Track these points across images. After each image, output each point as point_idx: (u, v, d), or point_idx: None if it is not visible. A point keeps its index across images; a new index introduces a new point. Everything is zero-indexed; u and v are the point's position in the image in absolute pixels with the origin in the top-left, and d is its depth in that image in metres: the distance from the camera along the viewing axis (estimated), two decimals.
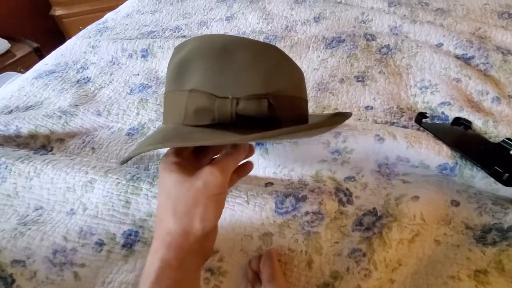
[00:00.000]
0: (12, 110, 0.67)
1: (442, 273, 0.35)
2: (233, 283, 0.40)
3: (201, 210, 0.23)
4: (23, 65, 1.61)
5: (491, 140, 0.47)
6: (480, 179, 0.40)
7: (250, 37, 0.83)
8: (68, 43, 0.88)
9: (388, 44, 0.70)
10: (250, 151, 0.29)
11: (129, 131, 0.59)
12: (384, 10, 0.84)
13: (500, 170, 0.38)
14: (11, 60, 1.60)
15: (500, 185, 0.39)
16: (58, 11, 1.73)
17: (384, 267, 0.36)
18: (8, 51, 1.62)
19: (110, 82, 0.73)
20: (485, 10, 0.81)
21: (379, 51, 0.70)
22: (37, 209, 0.45)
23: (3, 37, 1.62)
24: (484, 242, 0.37)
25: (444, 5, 0.86)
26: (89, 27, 0.95)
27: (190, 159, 0.27)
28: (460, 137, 0.47)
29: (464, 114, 0.51)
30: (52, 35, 1.80)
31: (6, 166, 0.48)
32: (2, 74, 1.44)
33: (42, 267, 0.38)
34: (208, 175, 0.24)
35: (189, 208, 0.23)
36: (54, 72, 0.76)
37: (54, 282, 0.38)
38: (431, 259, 0.37)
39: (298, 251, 0.40)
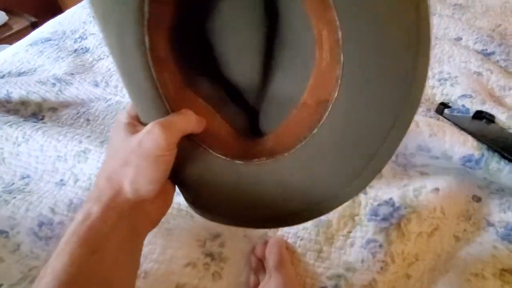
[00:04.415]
0: (4, 75, 0.62)
1: (464, 270, 0.32)
2: (234, 270, 0.37)
3: (131, 172, 0.20)
4: (19, 39, 1.55)
5: None
6: (508, 173, 0.37)
7: None
8: (67, 12, 0.83)
9: None
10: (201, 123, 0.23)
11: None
12: None
13: None
14: (8, 33, 1.54)
15: None
16: None
17: (402, 260, 0.34)
18: (5, 24, 1.56)
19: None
20: (505, 8, 0.79)
21: None
22: (24, 178, 0.41)
23: (1, 9, 1.55)
24: (510, 239, 0.34)
25: (462, 1, 0.83)
26: None
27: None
28: (483, 131, 0.44)
29: (486, 108, 0.48)
30: (50, 11, 1.74)
31: None
32: None
33: (26, 239, 0.35)
34: (145, 133, 0.20)
35: (119, 168, 0.21)
36: (50, 40, 0.72)
37: (39, 257, 0.35)
38: (450, 255, 0.35)
39: (308, 239, 0.37)
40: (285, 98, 0.24)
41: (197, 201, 0.25)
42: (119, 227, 0.20)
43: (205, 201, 0.25)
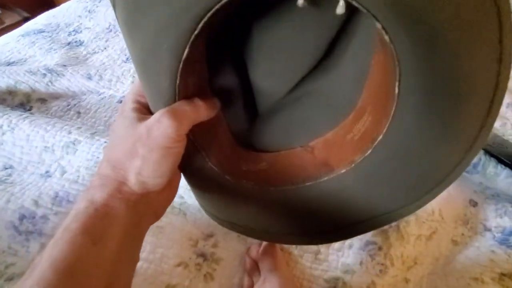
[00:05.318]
0: None
1: (464, 275, 0.32)
2: (227, 272, 0.35)
3: (138, 164, 0.19)
4: None
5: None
6: (505, 178, 0.38)
7: None
8: (62, 6, 0.81)
9: None
10: (215, 108, 0.22)
11: (122, 99, 0.53)
12: None
13: None
14: None
15: None
16: None
17: (401, 263, 0.33)
18: None
19: (105, 48, 0.67)
20: None
21: None
22: (6, 169, 0.38)
23: None
24: (508, 244, 0.34)
25: None
26: None
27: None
28: None
29: None
30: (44, 6, 1.71)
31: None
32: None
33: (5, 233, 0.32)
34: (154, 123, 0.18)
35: (125, 158, 0.19)
36: (44, 31, 0.70)
37: (17, 254, 0.32)
38: (449, 260, 0.34)
39: None
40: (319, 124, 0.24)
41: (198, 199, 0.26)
42: (123, 218, 0.18)
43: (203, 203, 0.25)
